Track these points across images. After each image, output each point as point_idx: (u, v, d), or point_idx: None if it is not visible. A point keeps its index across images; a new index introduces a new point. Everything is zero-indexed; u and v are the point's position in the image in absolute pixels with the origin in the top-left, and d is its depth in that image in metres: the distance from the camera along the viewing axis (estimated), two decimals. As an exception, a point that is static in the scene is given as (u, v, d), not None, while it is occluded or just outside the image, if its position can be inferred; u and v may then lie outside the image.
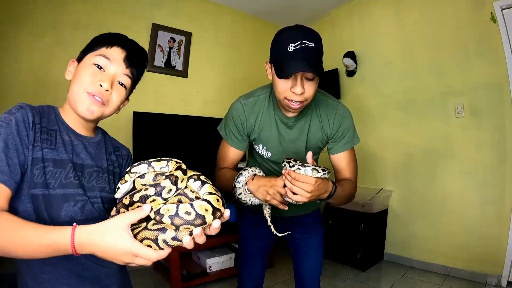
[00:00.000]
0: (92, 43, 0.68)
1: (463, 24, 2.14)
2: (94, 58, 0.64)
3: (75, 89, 0.63)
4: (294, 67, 0.79)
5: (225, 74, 2.97)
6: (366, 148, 2.75)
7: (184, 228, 0.48)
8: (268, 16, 3.20)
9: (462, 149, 2.18)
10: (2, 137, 0.53)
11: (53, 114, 0.66)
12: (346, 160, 1.04)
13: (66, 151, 0.62)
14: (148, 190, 0.52)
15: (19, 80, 1.99)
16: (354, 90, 2.90)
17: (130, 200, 0.52)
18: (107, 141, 0.77)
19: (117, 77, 0.66)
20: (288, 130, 1.02)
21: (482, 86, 2.08)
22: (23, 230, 0.47)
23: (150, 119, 2.40)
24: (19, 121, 0.56)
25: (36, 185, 0.57)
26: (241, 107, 1.01)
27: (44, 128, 0.60)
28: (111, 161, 0.74)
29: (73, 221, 0.57)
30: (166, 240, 0.47)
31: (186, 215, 0.48)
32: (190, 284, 2.04)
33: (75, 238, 0.46)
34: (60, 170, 0.60)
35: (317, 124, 1.02)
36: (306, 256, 1.16)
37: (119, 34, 0.71)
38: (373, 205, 2.40)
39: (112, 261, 0.48)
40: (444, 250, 2.25)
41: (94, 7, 2.26)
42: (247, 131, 1.04)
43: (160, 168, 0.60)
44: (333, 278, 2.25)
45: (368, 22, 2.78)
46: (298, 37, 0.80)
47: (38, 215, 0.57)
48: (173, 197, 0.54)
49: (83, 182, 0.64)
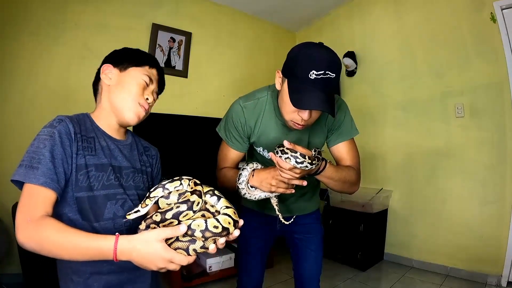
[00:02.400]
0: (133, 57, 0.76)
1: (463, 24, 2.14)
2: (142, 75, 0.74)
3: (125, 97, 0.72)
4: (312, 103, 0.77)
5: (225, 74, 2.97)
6: (366, 148, 2.75)
7: (211, 239, 0.57)
8: (268, 16, 3.20)
9: (462, 149, 2.18)
10: (48, 148, 0.60)
11: (88, 122, 0.72)
12: (346, 150, 1.04)
13: (105, 156, 0.70)
14: (180, 207, 0.59)
15: (19, 80, 1.99)
16: (354, 90, 2.90)
17: (162, 217, 0.58)
18: (137, 142, 0.85)
19: (153, 91, 0.79)
20: (289, 132, 1.01)
21: (482, 86, 2.08)
22: (69, 235, 0.54)
23: (150, 119, 2.39)
24: (62, 133, 0.63)
25: (81, 188, 0.64)
26: (241, 110, 1.00)
27: (84, 137, 0.67)
28: (143, 161, 0.82)
29: (115, 217, 0.67)
30: (195, 249, 0.56)
31: (215, 228, 0.57)
32: (190, 284, 2.04)
33: (118, 245, 0.53)
34: (102, 173, 0.68)
35: (317, 123, 1.02)
36: (306, 256, 1.16)
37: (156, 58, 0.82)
38: (373, 205, 2.40)
39: (147, 266, 0.55)
40: (444, 250, 2.25)
41: (94, 7, 2.26)
42: (247, 133, 1.03)
43: (174, 188, 0.66)
44: (333, 278, 2.25)
45: (368, 22, 2.78)
46: (323, 64, 0.77)
47: (83, 214, 0.64)
48: (198, 212, 0.62)
49: (122, 182, 0.72)
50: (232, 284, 2.10)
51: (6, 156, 1.96)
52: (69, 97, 2.12)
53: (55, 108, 2.08)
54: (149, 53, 0.81)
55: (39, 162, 0.59)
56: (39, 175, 0.58)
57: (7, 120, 1.96)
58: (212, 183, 1.37)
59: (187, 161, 2.57)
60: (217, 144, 1.14)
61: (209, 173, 2.83)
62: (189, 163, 2.58)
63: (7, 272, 1.90)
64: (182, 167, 2.56)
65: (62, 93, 2.11)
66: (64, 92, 2.12)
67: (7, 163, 1.96)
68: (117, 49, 0.79)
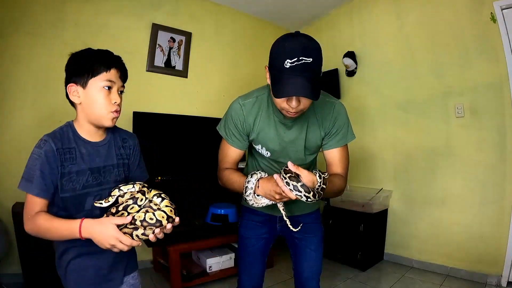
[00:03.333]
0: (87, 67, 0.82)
1: (463, 24, 2.14)
2: (101, 83, 0.82)
3: (97, 112, 0.84)
4: (290, 90, 0.79)
5: (225, 74, 2.97)
6: (366, 148, 2.75)
7: (149, 228, 0.76)
8: (268, 16, 3.20)
9: (462, 149, 2.18)
10: (38, 167, 0.78)
11: (70, 132, 0.86)
12: (338, 156, 1.06)
13: (84, 162, 0.85)
14: (128, 201, 0.80)
15: (19, 80, 1.99)
16: (354, 90, 2.90)
17: (116, 210, 0.79)
18: (116, 136, 0.96)
19: (118, 89, 0.87)
20: (287, 130, 1.03)
21: (482, 86, 2.08)
22: (52, 221, 0.76)
23: (150, 119, 2.40)
24: (48, 152, 0.79)
25: (66, 191, 0.82)
26: (240, 108, 1.02)
27: (66, 149, 0.83)
28: (120, 155, 0.95)
29: (93, 209, 0.84)
30: (137, 235, 0.75)
31: (150, 220, 0.77)
32: (190, 284, 2.04)
33: (82, 225, 0.74)
34: (81, 177, 0.84)
35: (315, 123, 1.03)
36: (306, 256, 1.16)
37: (109, 54, 0.86)
38: (373, 205, 2.41)
39: (102, 243, 0.73)
40: (444, 250, 2.25)
41: (94, 7, 2.26)
42: (246, 131, 1.04)
43: (127, 189, 0.84)
44: (333, 278, 2.25)
45: (368, 22, 2.78)
46: (296, 51, 0.79)
47: (66, 209, 0.83)
48: (143, 208, 0.81)
49: (100, 179, 0.88)
50: (232, 284, 2.10)
51: (6, 156, 1.96)
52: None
53: (55, 108, 2.08)
54: (100, 53, 0.85)
55: (33, 177, 0.78)
56: (34, 187, 0.78)
57: (7, 120, 1.96)
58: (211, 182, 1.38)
59: (187, 161, 2.57)
60: (217, 144, 1.15)
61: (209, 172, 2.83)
62: (189, 163, 2.58)
63: (7, 272, 1.90)
64: (182, 167, 2.57)
65: (62, 93, 2.11)
66: (64, 92, 2.12)
67: (7, 163, 1.96)
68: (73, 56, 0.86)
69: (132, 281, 0.98)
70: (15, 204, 1.84)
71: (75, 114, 0.90)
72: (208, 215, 2.34)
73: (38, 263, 1.82)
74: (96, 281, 0.88)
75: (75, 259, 0.85)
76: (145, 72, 2.50)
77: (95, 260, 0.87)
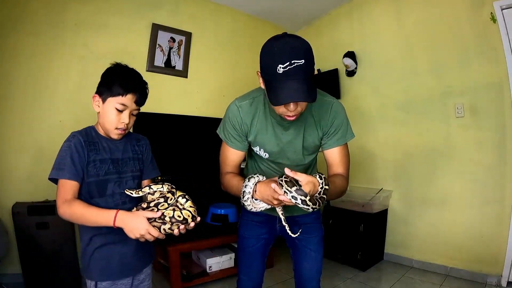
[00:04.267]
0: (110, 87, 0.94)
1: (463, 24, 2.14)
2: (116, 104, 0.94)
3: (107, 125, 0.96)
4: (286, 97, 0.78)
5: (225, 74, 2.97)
6: (366, 148, 2.75)
7: (176, 224, 0.87)
8: (268, 16, 3.20)
9: (462, 149, 2.18)
10: (69, 156, 0.90)
11: (93, 132, 1.00)
12: (339, 156, 1.05)
13: (106, 153, 0.98)
14: (159, 200, 0.91)
15: (19, 80, 1.99)
16: (354, 90, 2.90)
17: (147, 205, 0.90)
18: (131, 137, 1.09)
19: (131, 112, 0.98)
20: (284, 131, 1.02)
21: (482, 86, 2.08)
22: (89, 209, 0.87)
23: (150, 119, 2.40)
24: (77, 143, 0.92)
25: (90, 176, 0.94)
26: (237, 110, 1.03)
27: (91, 142, 0.96)
28: (135, 151, 1.08)
29: (114, 194, 0.97)
30: (164, 229, 0.86)
31: (178, 217, 0.88)
32: (190, 284, 2.04)
33: (118, 215, 0.85)
34: (104, 165, 0.97)
35: (312, 123, 1.03)
36: (305, 256, 1.16)
37: (132, 79, 0.97)
38: (373, 205, 2.40)
39: (133, 231, 0.84)
40: (444, 250, 2.25)
41: (94, 7, 2.26)
42: (244, 132, 1.05)
43: (157, 188, 0.96)
44: (333, 278, 2.25)
45: (368, 22, 2.78)
46: (285, 55, 0.78)
47: (90, 194, 0.94)
48: (171, 206, 0.91)
49: (119, 169, 1.00)
50: (232, 284, 2.09)
51: (6, 156, 1.96)
52: (68, 97, 2.13)
53: (55, 108, 2.08)
54: (125, 76, 0.96)
55: (64, 165, 0.89)
56: (65, 173, 0.89)
57: (7, 120, 1.96)
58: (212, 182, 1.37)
59: (187, 161, 2.57)
60: (217, 144, 1.15)
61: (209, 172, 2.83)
62: (189, 163, 2.58)
63: (7, 272, 1.90)
64: (182, 167, 2.57)
65: (61, 93, 2.11)
66: (63, 92, 2.12)
67: (7, 163, 1.96)
68: (108, 70, 0.98)
69: (149, 270, 1.12)
70: (15, 204, 1.84)
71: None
72: (208, 215, 2.34)
73: (38, 263, 1.82)
74: (119, 269, 0.97)
75: (101, 247, 0.94)
76: (145, 72, 2.50)
77: (120, 247, 0.97)
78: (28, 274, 1.82)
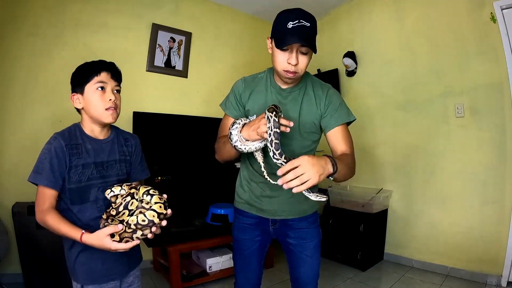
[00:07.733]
0: (82, 76, 0.94)
1: (463, 24, 2.14)
2: (94, 85, 0.93)
3: (96, 110, 0.93)
4: (291, 40, 0.89)
5: (225, 74, 2.97)
6: (366, 148, 2.75)
7: (145, 229, 0.82)
8: (268, 16, 3.20)
9: (462, 149, 2.18)
10: (48, 160, 0.87)
11: (78, 131, 0.96)
12: (341, 134, 1.03)
13: (89, 156, 0.94)
14: (127, 199, 0.87)
15: (19, 80, 1.99)
16: (354, 90, 2.90)
17: (116, 211, 0.87)
18: (119, 135, 1.05)
19: (113, 89, 0.96)
20: (282, 100, 1.04)
21: (482, 86, 2.08)
22: (59, 225, 0.84)
23: (150, 119, 2.40)
24: (57, 148, 0.88)
25: (72, 182, 0.90)
26: (241, 82, 1.12)
27: (74, 145, 0.92)
28: (122, 152, 1.04)
29: (97, 199, 0.94)
30: (138, 237, 0.81)
31: (143, 222, 0.81)
32: (190, 284, 2.04)
33: (82, 238, 0.82)
34: (86, 170, 0.93)
35: (311, 97, 1.05)
36: (301, 261, 1.13)
37: (98, 62, 0.96)
38: (373, 205, 2.41)
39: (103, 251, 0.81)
40: (444, 250, 2.25)
41: (94, 7, 2.26)
42: (242, 101, 1.09)
43: (119, 190, 0.92)
44: (333, 278, 2.25)
45: (368, 22, 2.78)
46: (295, 15, 0.90)
47: (72, 200, 0.91)
48: (137, 210, 0.85)
49: (103, 173, 0.97)
50: (232, 284, 2.10)
51: (6, 156, 1.96)
52: (69, 97, 2.12)
53: (55, 108, 2.08)
54: (91, 63, 0.96)
55: (43, 169, 0.87)
56: (43, 178, 0.86)
57: (7, 120, 1.96)
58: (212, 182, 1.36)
59: (187, 161, 2.57)
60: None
61: (209, 172, 2.82)
62: (189, 163, 2.58)
63: (7, 272, 1.90)
64: (182, 167, 2.57)
65: (62, 93, 2.11)
66: (64, 92, 2.12)
67: (7, 163, 1.96)
68: (73, 73, 0.97)
69: (137, 272, 1.10)
70: (15, 204, 1.84)
71: (77, 115, 1.00)
72: (208, 215, 2.34)
73: (38, 263, 1.82)
74: (103, 273, 0.95)
75: (84, 251, 0.92)
76: (145, 72, 2.50)
77: (101, 253, 0.91)
78: (28, 274, 1.82)
